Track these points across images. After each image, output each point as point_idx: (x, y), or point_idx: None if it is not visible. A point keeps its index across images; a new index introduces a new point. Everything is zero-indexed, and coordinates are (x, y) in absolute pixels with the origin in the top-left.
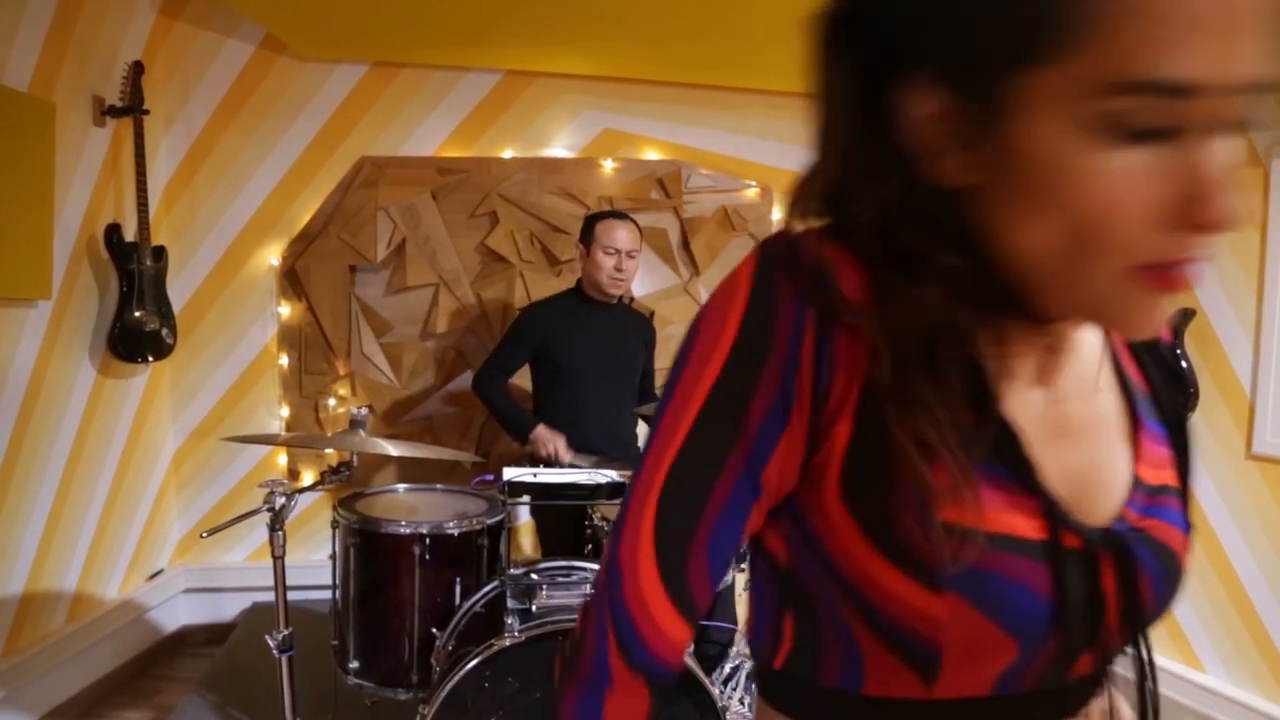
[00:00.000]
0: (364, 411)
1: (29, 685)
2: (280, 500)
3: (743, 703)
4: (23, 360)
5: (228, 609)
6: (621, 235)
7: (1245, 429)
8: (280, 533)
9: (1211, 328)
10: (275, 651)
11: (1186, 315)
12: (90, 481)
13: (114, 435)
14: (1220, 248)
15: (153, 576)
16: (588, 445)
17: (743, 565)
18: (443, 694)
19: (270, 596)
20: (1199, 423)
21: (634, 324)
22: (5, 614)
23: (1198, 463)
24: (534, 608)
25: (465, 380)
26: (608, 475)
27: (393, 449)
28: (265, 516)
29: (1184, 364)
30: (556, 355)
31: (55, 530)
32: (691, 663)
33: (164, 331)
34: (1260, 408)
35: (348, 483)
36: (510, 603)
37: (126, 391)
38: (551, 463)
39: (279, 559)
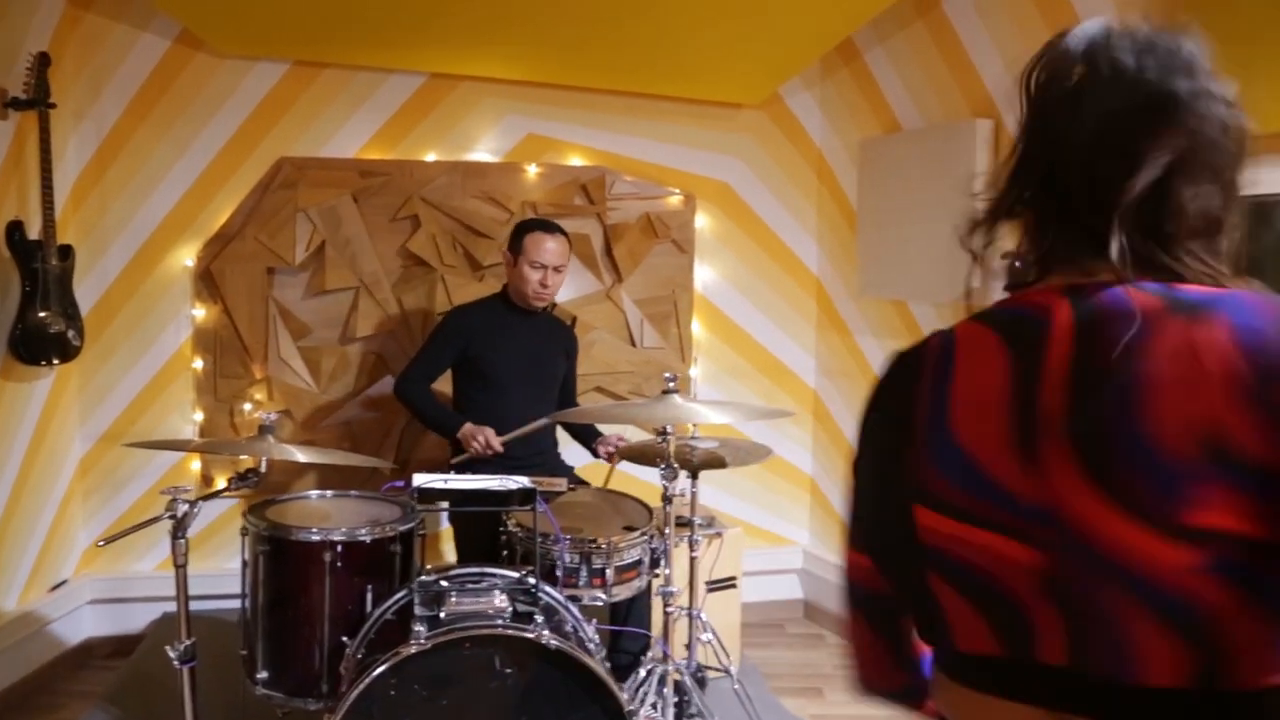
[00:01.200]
0: (273, 417)
1: None
2: (183, 508)
3: (655, 708)
4: None
5: (136, 620)
6: (549, 250)
7: None
8: (183, 541)
9: None
10: (176, 663)
11: None
12: None
13: (15, 440)
14: None
15: (56, 587)
16: (507, 451)
17: (656, 571)
18: (347, 703)
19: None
20: None
21: (556, 333)
22: None
23: None
24: (443, 614)
25: (386, 385)
26: (519, 482)
27: (301, 455)
28: (168, 524)
29: None
30: (479, 360)
31: None
32: (600, 669)
33: (70, 333)
34: None
35: (258, 489)
36: (418, 610)
37: (29, 395)
38: (483, 457)
39: (181, 568)
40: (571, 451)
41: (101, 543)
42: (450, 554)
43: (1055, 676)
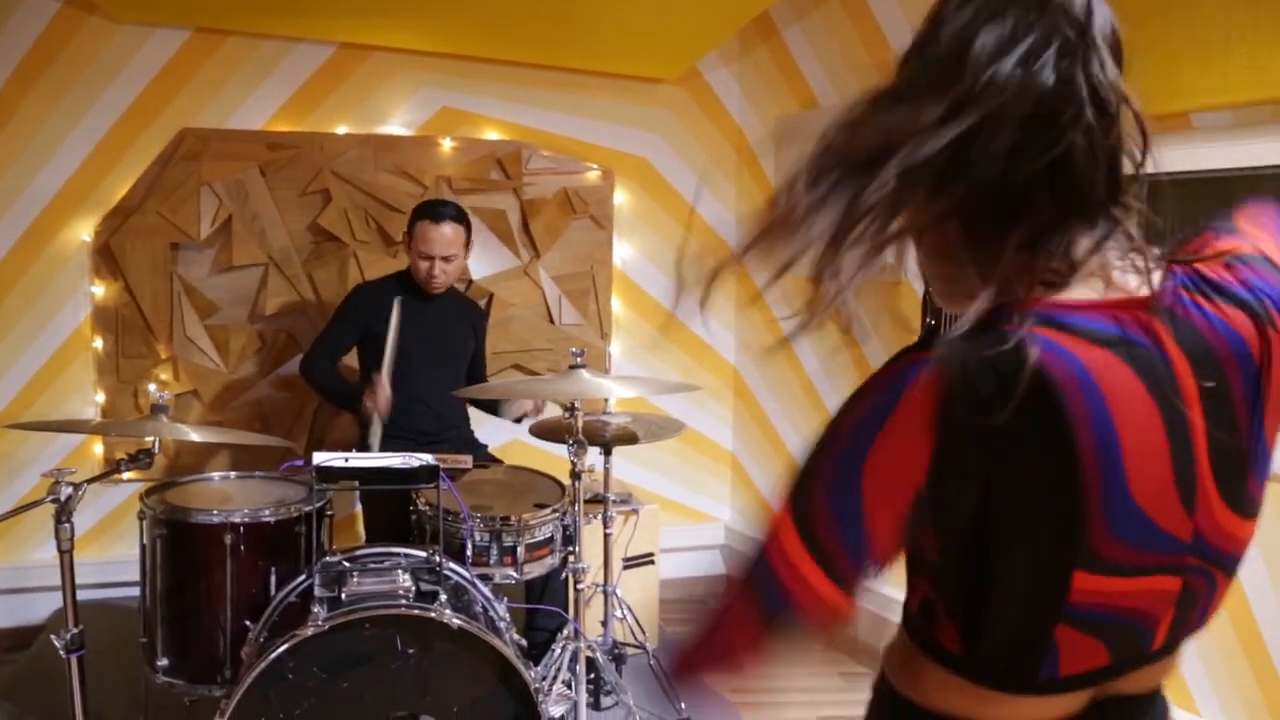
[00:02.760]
0: (167, 396)
1: None
2: (66, 490)
3: (568, 685)
4: None
5: (38, 610)
6: (436, 240)
7: None
8: (67, 525)
9: None
10: (62, 652)
11: None
12: None
13: None
14: None
15: None
16: (414, 428)
17: (569, 549)
18: (243, 688)
19: (88, 595)
20: None
21: (463, 311)
22: None
23: None
24: (344, 595)
25: (297, 364)
26: (423, 459)
27: (195, 434)
28: (50, 508)
29: None
30: (381, 339)
31: None
32: (505, 648)
33: None
34: None
35: (150, 471)
36: (318, 591)
37: None
38: (384, 419)
39: (66, 553)
40: (487, 429)
41: None
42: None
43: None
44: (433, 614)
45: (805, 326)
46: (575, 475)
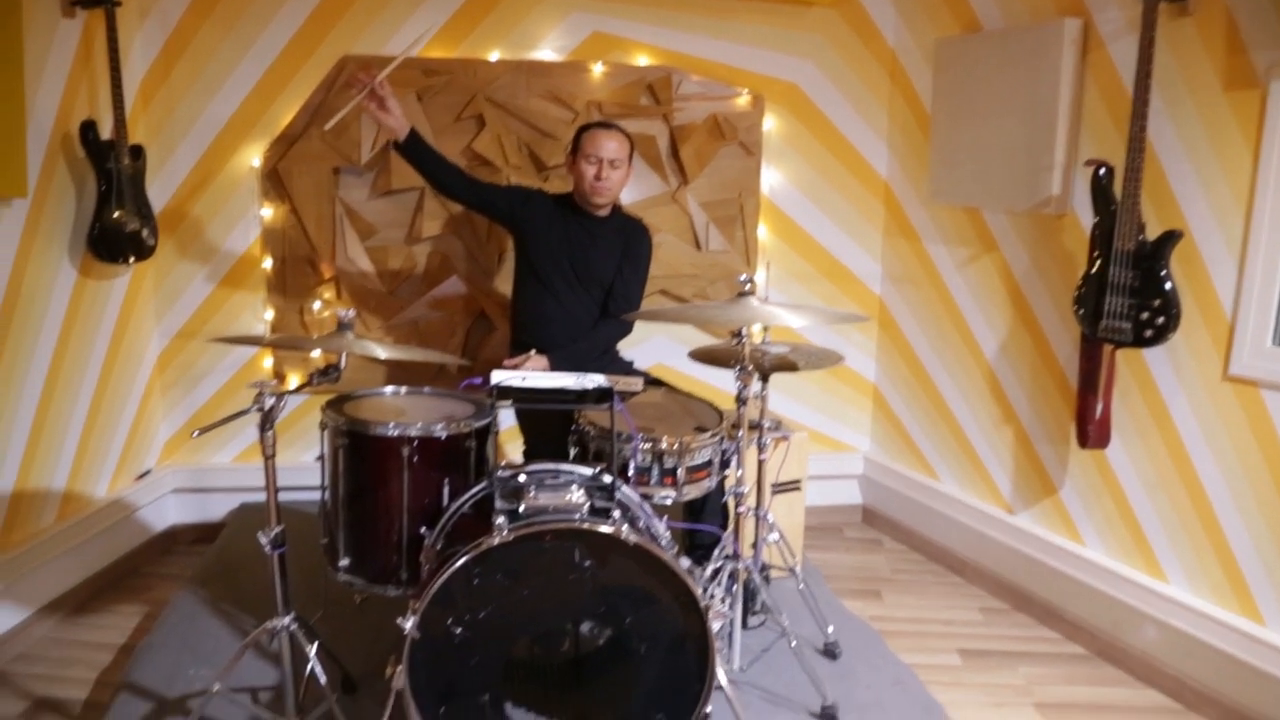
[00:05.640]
0: (351, 314)
1: (23, 580)
2: (269, 401)
3: (724, 603)
4: (0, 259)
5: (216, 509)
6: (603, 143)
7: (1223, 350)
8: (270, 433)
9: (1197, 249)
10: (268, 548)
11: (1173, 236)
12: (75, 382)
13: (97, 336)
14: (1210, 168)
15: (141, 477)
16: (554, 345)
17: (726, 472)
18: (433, 590)
19: (257, 497)
20: (1178, 343)
21: (618, 234)
22: None
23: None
24: (521, 508)
25: (451, 285)
26: (596, 380)
27: (381, 351)
28: (255, 417)
29: (1168, 285)
30: (529, 247)
31: (42, 430)
32: (676, 565)
33: (144, 232)
34: (1240, 330)
35: (335, 385)
36: (498, 503)
37: (108, 293)
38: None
39: (270, 458)
40: (639, 352)
41: (196, 433)
42: (513, 452)
43: None
44: (609, 529)
45: None
46: (741, 401)
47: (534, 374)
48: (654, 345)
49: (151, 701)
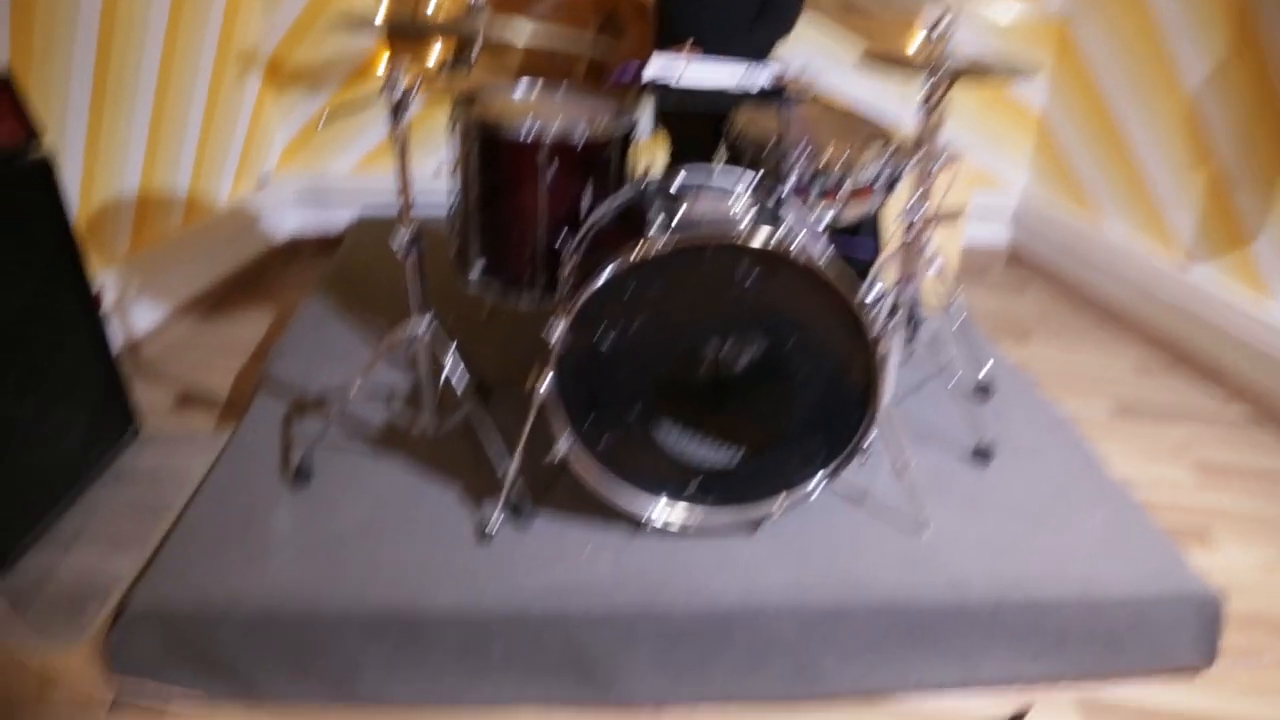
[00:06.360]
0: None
1: (157, 280)
2: (401, 89)
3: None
4: None
5: (335, 220)
6: None
7: None
8: (403, 124)
9: None
10: (404, 248)
11: None
12: (187, 81)
13: (205, 34)
14: None
15: (261, 183)
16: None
17: (890, 194)
18: (585, 296)
19: (376, 212)
20: None
21: None
22: (125, 212)
23: None
24: (676, 219)
25: None
26: (769, 75)
27: (517, 36)
28: (379, 114)
29: None
30: None
31: (160, 130)
32: (846, 289)
33: None
34: None
35: (466, 78)
36: (656, 211)
37: None
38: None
39: (403, 152)
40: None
41: (324, 120)
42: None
43: None
44: (774, 245)
45: None
46: (930, 108)
47: (697, 63)
48: (801, 56)
49: (291, 398)
